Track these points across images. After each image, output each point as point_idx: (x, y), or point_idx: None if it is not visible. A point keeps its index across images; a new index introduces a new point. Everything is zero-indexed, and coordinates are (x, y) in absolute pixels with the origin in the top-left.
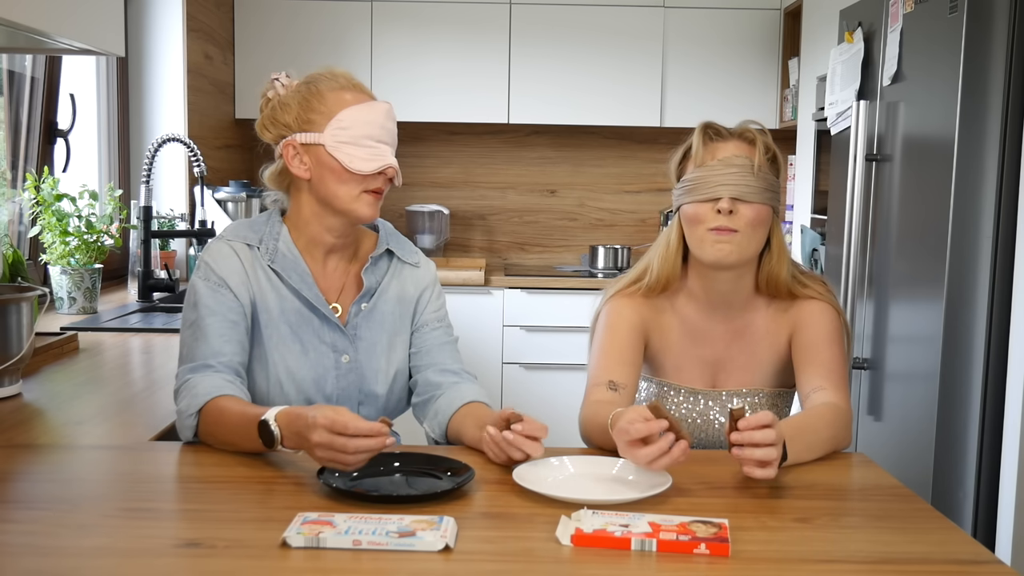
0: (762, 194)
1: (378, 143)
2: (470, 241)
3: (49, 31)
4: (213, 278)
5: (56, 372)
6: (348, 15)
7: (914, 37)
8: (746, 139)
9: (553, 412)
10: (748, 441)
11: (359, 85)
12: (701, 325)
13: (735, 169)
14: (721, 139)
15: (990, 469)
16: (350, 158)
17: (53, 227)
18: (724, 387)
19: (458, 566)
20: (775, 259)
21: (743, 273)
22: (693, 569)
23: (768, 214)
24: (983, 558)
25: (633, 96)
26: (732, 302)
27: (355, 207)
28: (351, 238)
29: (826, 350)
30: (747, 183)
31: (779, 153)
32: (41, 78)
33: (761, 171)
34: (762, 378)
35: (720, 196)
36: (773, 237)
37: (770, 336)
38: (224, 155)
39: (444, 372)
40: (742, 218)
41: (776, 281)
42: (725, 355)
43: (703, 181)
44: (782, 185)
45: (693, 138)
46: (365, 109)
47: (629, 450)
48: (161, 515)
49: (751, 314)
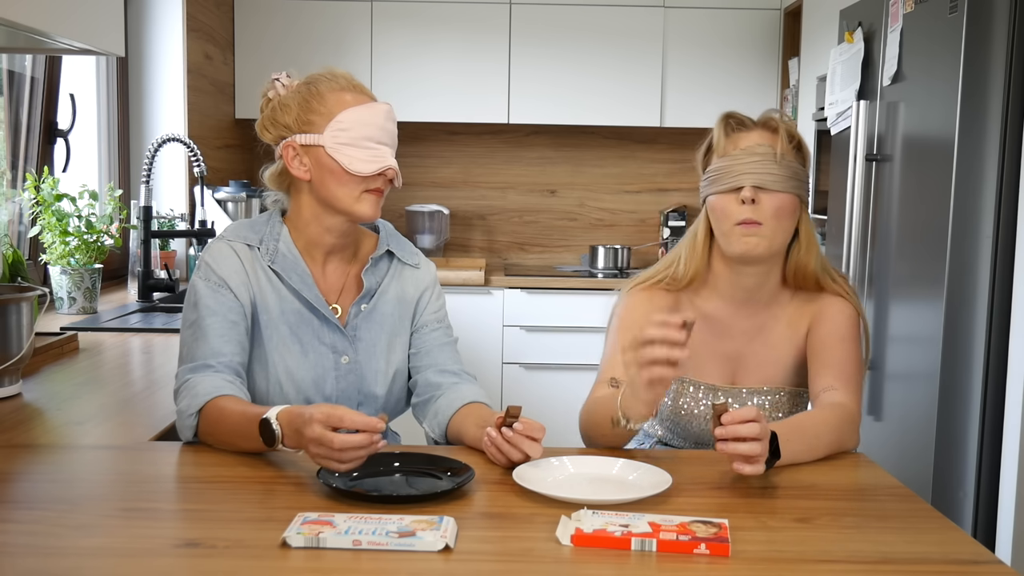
0: (786, 182)
1: (378, 144)
2: (470, 241)
3: (49, 31)
4: (213, 278)
5: (56, 372)
6: (348, 15)
7: (914, 37)
8: (769, 128)
9: (553, 412)
10: (732, 435)
11: (359, 86)
12: (723, 320)
13: (757, 158)
14: (744, 129)
15: (990, 469)
16: (350, 159)
17: (53, 227)
18: (743, 384)
19: (458, 566)
20: (803, 250)
21: (771, 267)
22: (693, 569)
23: (793, 203)
24: (983, 558)
25: (633, 96)
26: (757, 297)
27: (356, 207)
28: (351, 239)
29: (840, 349)
30: (769, 171)
31: (804, 141)
32: (41, 78)
33: (785, 159)
34: (783, 376)
35: (742, 185)
36: (801, 227)
37: (791, 330)
38: (224, 155)
39: (444, 373)
40: (766, 209)
41: (804, 272)
42: (746, 351)
43: (726, 171)
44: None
45: (715, 129)
46: (365, 110)
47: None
48: (161, 515)
49: (775, 309)
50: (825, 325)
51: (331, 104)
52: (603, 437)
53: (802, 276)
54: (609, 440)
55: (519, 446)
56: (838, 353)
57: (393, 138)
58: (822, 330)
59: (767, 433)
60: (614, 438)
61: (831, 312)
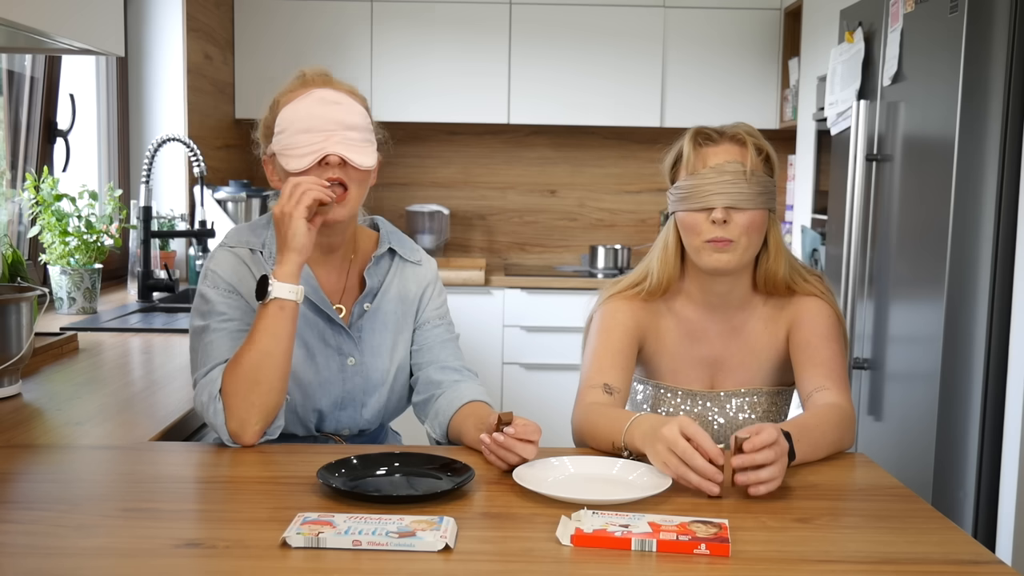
0: (756, 199)
1: (313, 133)
2: (470, 241)
3: (49, 31)
4: (223, 285)
5: (56, 372)
6: (348, 15)
7: (914, 37)
8: (738, 141)
9: (553, 412)
10: (751, 464)
11: (312, 80)
12: (699, 325)
13: (728, 177)
14: (712, 143)
15: (990, 469)
16: (287, 160)
17: (53, 227)
18: (722, 387)
19: (458, 566)
20: (772, 258)
21: (741, 275)
22: (693, 569)
23: (764, 218)
24: (983, 558)
25: (633, 96)
26: (729, 301)
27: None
28: (343, 237)
29: (825, 348)
30: (740, 190)
31: (772, 152)
32: (41, 78)
33: (755, 175)
34: (761, 377)
35: (714, 206)
36: (770, 236)
37: (768, 333)
38: (224, 155)
39: (445, 370)
40: (737, 226)
41: (774, 279)
42: (723, 354)
43: (696, 190)
44: (779, 184)
45: (684, 144)
46: (296, 104)
47: (670, 459)
48: (161, 515)
49: (748, 312)
50: (806, 326)
51: (279, 108)
52: (599, 447)
53: (772, 283)
54: (607, 446)
55: (513, 449)
56: (824, 352)
57: (333, 121)
58: (804, 331)
59: (784, 451)
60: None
61: (810, 313)
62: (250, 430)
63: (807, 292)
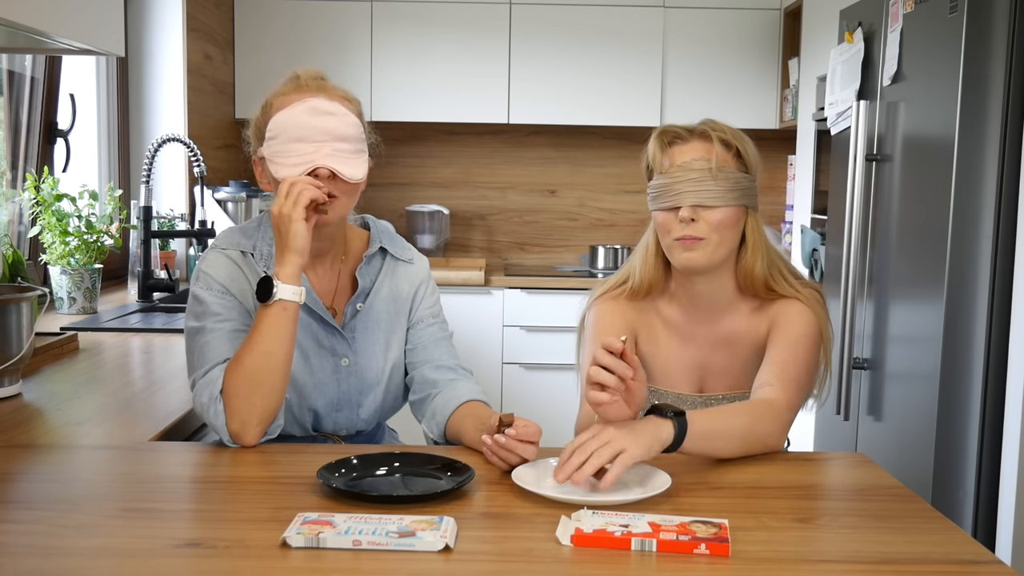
0: (725, 196)
1: (304, 143)
2: (470, 241)
3: (49, 31)
4: (216, 287)
5: (56, 372)
6: (348, 15)
7: (914, 37)
8: (704, 138)
9: (553, 412)
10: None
11: (305, 84)
12: (687, 328)
13: (694, 175)
14: (680, 141)
15: (990, 469)
16: (277, 167)
17: (53, 227)
18: (711, 391)
19: (458, 566)
20: (748, 255)
21: (720, 273)
22: (693, 569)
23: (736, 214)
24: (983, 558)
25: (633, 96)
26: (714, 303)
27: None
28: (336, 239)
29: (786, 350)
30: (707, 188)
31: (746, 147)
32: (41, 78)
33: (723, 171)
34: (748, 380)
35: (680, 204)
36: (748, 234)
37: (752, 337)
38: (224, 155)
39: (440, 368)
40: (706, 224)
41: (751, 277)
42: (712, 358)
43: (665, 189)
44: (778, 184)
45: (649, 144)
46: (289, 111)
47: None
48: (161, 515)
49: (735, 315)
50: (779, 327)
51: (273, 111)
52: None
53: (749, 280)
54: None
55: (514, 451)
56: (783, 354)
57: (327, 132)
58: (776, 332)
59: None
60: None
61: (787, 317)
62: (251, 431)
63: (789, 295)
